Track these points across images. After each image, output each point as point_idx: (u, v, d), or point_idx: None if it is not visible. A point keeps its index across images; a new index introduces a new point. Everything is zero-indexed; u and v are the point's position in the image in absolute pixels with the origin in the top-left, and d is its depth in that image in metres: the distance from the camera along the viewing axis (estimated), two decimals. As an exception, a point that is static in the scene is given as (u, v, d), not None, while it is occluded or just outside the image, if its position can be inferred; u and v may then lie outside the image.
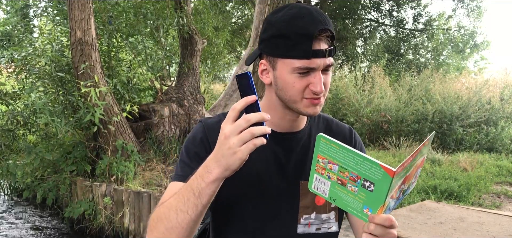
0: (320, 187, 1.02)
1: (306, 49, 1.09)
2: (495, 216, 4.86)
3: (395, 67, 15.56)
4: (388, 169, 0.88)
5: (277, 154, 1.26)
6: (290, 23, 1.10)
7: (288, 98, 1.16)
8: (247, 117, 0.96)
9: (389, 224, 0.94)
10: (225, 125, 0.99)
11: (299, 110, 1.17)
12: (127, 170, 5.87)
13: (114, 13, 7.40)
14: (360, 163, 0.92)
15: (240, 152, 0.96)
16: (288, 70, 1.13)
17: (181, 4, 8.04)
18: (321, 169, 0.99)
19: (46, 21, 8.11)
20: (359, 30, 18.51)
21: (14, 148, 6.60)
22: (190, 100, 8.01)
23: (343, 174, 0.96)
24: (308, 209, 1.25)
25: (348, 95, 10.44)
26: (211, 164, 1.00)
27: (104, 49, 7.20)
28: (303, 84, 1.13)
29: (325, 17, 1.12)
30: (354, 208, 0.97)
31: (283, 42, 1.11)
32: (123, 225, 5.54)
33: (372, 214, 0.95)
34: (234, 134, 0.96)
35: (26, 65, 6.38)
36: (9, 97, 6.51)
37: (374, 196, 0.93)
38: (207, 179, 1.01)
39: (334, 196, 1.00)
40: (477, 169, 7.17)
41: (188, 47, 8.39)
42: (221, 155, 0.98)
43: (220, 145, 0.99)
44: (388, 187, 0.89)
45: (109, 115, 5.98)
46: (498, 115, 9.76)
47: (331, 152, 0.96)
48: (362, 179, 0.93)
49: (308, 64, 1.10)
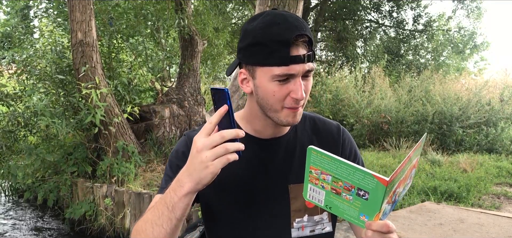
0: (315, 196, 1.03)
1: (284, 56, 1.07)
2: (494, 217, 4.87)
3: (395, 68, 15.57)
4: (381, 178, 0.89)
5: (263, 160, 1.26)
6: (266, 31, 1.09)
7: (268, 107, 1.15)
8: (222, 133, 0.96)
9: (386, 230, 0.95)
10: (198, 137, 0.99)
11: (279, 120, 1.16)
12: (127, 171, 5.88)
13: (114, 14, 7.41)
14: (353, 173, 0.93)
15: (212, 166, 0.97)
16: (267, 78, 1.11)
17: (181, 5, 8.05)
18: (315, 179, 1.00)
19: (47, 22, 8.12)
20: (359, 31, 18.51)
21: (15, 149, 6.61)
22: (191, 101, 8.03)
23: (336, 184, 0.97)
24: (300, 212, 1.25)
25: (348, 96, 10.46)
26: (183, 178, 1.02)
27: (104, 51, 7.22)
28: (283, 92, 1.11)
29: (301, 23, 1.11)
30: (351, 215, 0.98)
31: (260, 50, 1.10)
32: (124, 226, 5.55)
33: (369, 220, 0.96)
34: (207, 148, 0.97)
35: (27, 67, 6.39)
36: (10, 99, 6.51)
37: (370, 204, 0.94)
38: (179, 193, 1.02)
39: (329, 204, 1.01)
40: (477, 170, 7.18)
41: (189, 48, 8.41)
42: (193, 168, 0.99)
43: (192, 158, 1.00)
44: (383, 196, 0.90)
45: (110, 117, 6.00)
46: (498, 116, 9.76)
47: (323, 163, 0.97)
48: (356, 188, 0.94)
49: (287, 71, 1.08)
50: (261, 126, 1.25)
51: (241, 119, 1.30)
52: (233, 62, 1.23)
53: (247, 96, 1.25)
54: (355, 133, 9.74)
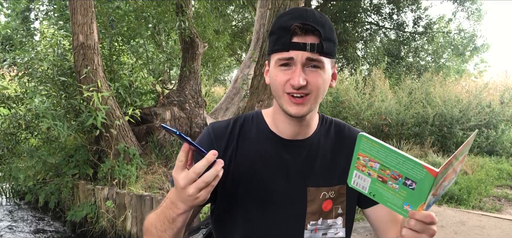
0: (359, 182, 1.04)
1: (285, 41, 1.13)
2: (495, 219, 4.88)
3: (395, 70, 15.57)
4: (431, 169, 0.91)
5: (284, 161, 1.26)
6: (276, 21, 1.18)
7: (275, 93, 1.20)
8: (196, 170, 0.99)
9: (429, 221, 0.97)
10: (176, 175, 1.02)
11: (283, 107, 1.19)
12: (129, 173, 5.88)
13: (115, 17, 7.42)
14: (402, 163, 0.94)
15: (201, 196, 1.02)
16: (273, 64, 1.18)
17: (182, 8, 8.07)
18: (362, 166, 1.02)
19: (48, 25, 8.13)
20: (360, 33, 18.51)
21: (16, 151, 6.62)
22: (192, 103, 8.04)
23: (384, 172, 0.98)
24: (315, 215, 1.26)
25: (348, 98, 10.45)
26: (177, 203, 1.07)
27: (106, 53, 7.22)
28: (284, 77, 1.15)
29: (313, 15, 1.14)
30: (394, 204, 1.00)
31: (271, 39, 1.19)
32: (125, 228, 5.55)
33: (413, 210, 0.97)
34: (189, 184, 1.00)
35: (28, 69, 6.40)
36: (12, 101, 6.52)
37: (416, 194, 0.95)
38: (176, 212, 1.08)
39: (374, 192, 1.02)
40: (477, 172, 7.19)
41: (189, 51, 8.42)
42: (183, 199, 1.04)
43: (179, 192, 1.04)
44: (431, 186, 0.92)
45: (111, 119, 6.00)
46: (498, 119, 9.77)
47: (372, 151, 0.99)
48: (403, 177, 0.95)
49: (287, 55, 1.13)
50: (282, 124, 1.27)
51: (269, 116, 1.32)
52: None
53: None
54: (356, 135, 9.72)
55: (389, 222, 1.30)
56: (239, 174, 1.25)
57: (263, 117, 1.33)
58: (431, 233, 0.99)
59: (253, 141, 1.29)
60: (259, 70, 5.60)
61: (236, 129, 1.30)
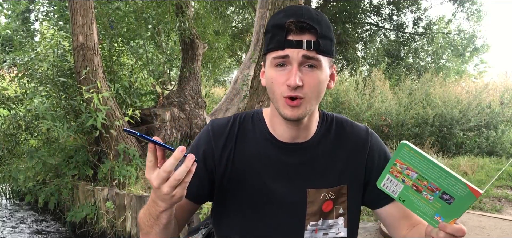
0: (390, 186, 1.04)
1: (280, 39, 1.09)
2: (496, 220, 4.87)
3: (395, 71, 15.57)
4: (475, 189, 0.91)
5: (283, 164, 1.24)
6: (272, 18, 1.14)
7: (270, 95, 1.16)
8: (166, 168, 0.98)
9: (461, 235, 0.96)
10: (148, 175, 1.01)
11: (280, 110, 1.14)
12: (129, 174, 5.88)
13: (115, 17, 7.42)
14: (444, 178, 0.94)
15: (177, 194, 1.00)
16: (269, 65, 1.14)
17: (182, 9, 8.07)
18: (397, 172, 1.01)
19: (48, 26, 8.13)
20: (359, 34, 18.52)
21: (16, 152, 6.62)
22: (192, 104, 8.04)
23: (421, 182, 0.98)
24: (315, 216, 1.24)
25: (348, 99, 10.45)
26: (158, 202, 1.05)
27: (105, 54, 7.22)
28: (281, 79, 1.11)
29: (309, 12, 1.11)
30: (424, 213, 1.00)
31: (265, 38, 1.15)
32: (125, 229, 5.55)
33: (444, 222, 0.97)
34: (162, 183, 0.99)
35: (28, 70, 6.40)
36: (12, 102, 6.52)
37: (452, 209, 0.95)
38: (158, 209, 1.06)
39: (404, 197, 1.02)
40: (477, 173, 7.17)
41: (189, 52, 8.42)
42: (162, 198, 1.02)
43: (155, 192, 1.03)
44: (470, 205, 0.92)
45: (111, 120, 6.00)
46: (498, 119, 9.76)
47: (413, 160, 0.97)
48: (441, 191, 0.95)
49: (282, 54, 1.09)
50: (280, 127, 1.24)
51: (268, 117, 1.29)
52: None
53: None
54: (356, 136, 9.73)
55: (401, 219, 1.28)
56: (236, 173, 1.24)
57: (263, 117, 1.30)
58: None
59: (252, 141, 1.26)
60: (259, 71, 5.61)
61: (235, 127, 1.28)
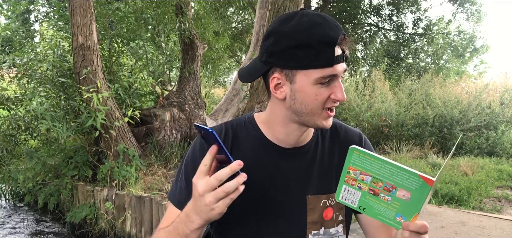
0: (348, 197, 1.02)
1: (330, 57, 1.04)
2: (496, 220, 4.87)
3: (395, 72, 15.58)
4: (427, 178, 0.90)
5: (282, 170, 1.22)
6: (311, 32, 1.04)
7: (308, 111, 1.10)
8: (218, 176, 0.96)
9: (424, 231, 0.95)
10: (197, 181, 0.99)
11: (315, 123, 1.12)
12: (128, 174, 5.87)
13: (115, 18, 7.42)
14: (397, 174, 0.93)
15: (217, 208, 0.97)
16: (310, 81, 1.07)
17: (182, 9, 8.07)
18: (352, 180, 0.99)
19: (48, 26, 8.13)
20: (359, 35, 18.52)
21: (15, 153, 6.61)
22: (191, 105, 8.03)
23: (376, 185, 0.96)
24: (316, 224, 1.22)
25: (348, 99, 10.45)
26: (192, 215, 1.02)
27: (105, 54, 7.22)
28: (325, 94, 1.08)
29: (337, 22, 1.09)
30: (386, 217, 0.98)
31: (304, 53, 1.04)
32: (124, 230, 5.54)
33: (406, 221, 0.96)
34: (208, 192, 0.96)
35: (28, 71, 6.40)
36: (11, 102, 6.51)
37: (410, 205, 0.94)
38: (190, 227, 1.03)
39: (364, 205, 1.00)
40: (477, 173, 7.17)
41: (189, 52, 8.42)
42: (200, 210, 0.99)
43: (196, 200, 0.99)
44: (426, 196, 0.91)
45: (111, 120, 6.00)
46: (498, 120, 9.77)
47: (364, 164, 0.96)
48: (397, 189, 0.94)
49: (331, 72, 1.05)
50: (284, 134, 1.21)
51: (263, 123, 1.25)
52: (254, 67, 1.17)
53: (272, 101, 1.19)
54: (356, 136, 9.73)
55: (380, 227, 1.27)
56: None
57: (256, 123, 1.26)
58: None
59: (248, 148, 1.24)
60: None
61: (229, 136, 1.24)
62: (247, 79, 1.17)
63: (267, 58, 1.11)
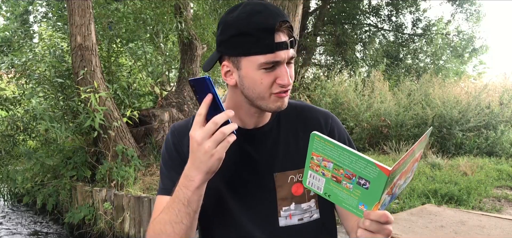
0: (314, 183, 1.02)
1: (269, 43, 1.08)
2: (496, 219, 4.85)
3: (394, 72, 15.57)
4: (384, 167, 0.89)
5: (246, 151, 1.26)
6: (249, 20, 1.09)
7: (256, 95, 1.16)
8: (215, 120, 0.99)
9: (384, 220, 0.95)
10: (194, 132, 1.01)
11: (267, 107, 1.17)
12: (127, 175, 5.86)
13: (114, 18, 7.41)
14: (355, 162, 0.93)
15: (217, 153, 1.00)
16: (253, 67, 1.12)
17: (180, 10, 8.06)
18: (316, 166, 1.00)
19: (46, 27, 8.12)
20: (358, 35, 18.50)
21: (14, 154, 6.60)
22: (190, 105, 8.02)
23: (338, 172, 0.96)
24: (286, 200, 1.25)
25: (347, 100, 10.45)
26: (192, 173, 1.04)
27: (104, 55, 7.21)
28: (270, 79, 1.12)
29: (280, 10, 1.14)
30: (349, 204, 0.98)
31: (245, 40, 1.10)
32: (123, 230, 5.53)
33: (368, 210, 0.96)
34: (206, 138, 0.99)
35: (26, 71, 6.38)
36: (9, 103, 6.51)
37: (370, 193, 0.93)
38: (191, 187, 1.05)
39: (329, 192, 1.01)
40: (477, 173, 7.16)
41: (188, 53, 8.41)
42: (199, 161, 1.01)
43: (195, 152, 1.01)
44: (384, 185, 0.90)
45: (109, 121, 5.99)
46: (498, 120, 9.76)
47: (325, 150, 0.96)
48: (357, 176, 0.94)
49: (273, 58, 1.10)
50: (245, 116, 1.26)
51: None
52: (211, 56, 1.22)
53: (229, 88, 1.26)
54: (355, 137, 9.73)
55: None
56: None
57: None
58: (386, 233, 0.97)
59: None
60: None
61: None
62: (205, 67, 1.22)
63: (218, 47, 1.19)
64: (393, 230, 1.34)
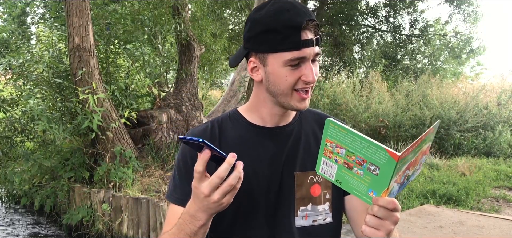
0: (327, 170, 1.04)
1: (296, 40, 1.11)
2: (494, 219, 4.86)
3: (392, 73, 15.60)
4: (393, 153, 0.90)
5: (268, 149, 1.27)
6: (277, 18, 1.12)
7: (280, 92, 1.18)
8: (219, 175, 0.99)
9: (392, 207, 0.96)
10: (198, 184, 1.01)
11: (289, 105, 1.19)
12: (125, 176, 5.84)
13: (111, 19, 7.39)
14: (366, 147, 0.95)
15: (226, 201, 1.02)
16: (279, 64, 1.15)
17: (178, 11, 8.05)
18: (329, 152, 1.02)
19: (44, 27, 8.10)
20: (356, 36, 18.54)
21: (12, 155, 6.57)
22: (188, 106, 8.00)
23: (349, 158, 0.98)
24: (304, 200, 1.26)
25: (345, 101, 10.46)
26: (198, 214, 1.06)
27: (102, 56, 7.19)
28: (295, 76, 1.15)
29: (307, 9, 1.16)
30: (359, 191, 1.00)
31: (272, 37, 1.13)
32: (121, 232, 5.51)
33: (376, 196, 0.97)
34: (213, 191, 1.00)
35: (24, 72, 6.36)
36: (7, 104, 6.48)
37: (379, 180, 0.95)
38: (197, 224, 1.08)
39: (340, 179, 1.03)
40: (475, 174, 7.18)
41: (186, 54, 8.39)
42: (207, 208, 1.04)
43: (202, 201, 1.03)
44: (393, 171, 0.92)
45: (107, 122, 5.97)
46: (495, 120, 9.79)
47: (339, 136, 0.98)
48: (368, 162, 0.96)
49: (299, 55, 1.12)
50: (268, 114, 1.27)
51: (247, 110, 1.33)
52: (238, 52, 1.26)
53: (255, 85, 1.28)
54: (353, 137, 9.74)
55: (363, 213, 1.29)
56: None
57: (240, 113, 1.34)
58: (394, 220, 0.98)
59: (235, 136, 1.29)
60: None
61: (215, 129, 1.31)
62: (232, 63, 1.27)
63: (245, 43, 1.22)
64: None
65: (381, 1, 18.07)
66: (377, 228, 0.98)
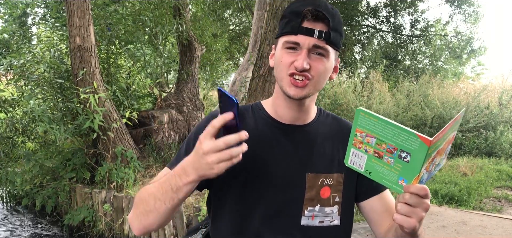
0: (356, 161, 1.05)
1: (295, 25, 1.15)
2: (497, 219, 4.85)
3: (393, 73, 15.58)
4: (425, 138, 0.91)
5: (283, 145, 1.27)
6: (290, 5, 1.19)
7: (277, 75, 1.21)
8: (226, 141, 0.99)
9: (423, 193, 0.96)
10: (204, 139, 1.02)
11: (283, 89, 1.20)
12: (126, 176, 5.84)
13: (113, 20, 7.39)
14: (398, 134, 0.95)
15: (217, 168, 1.01)
16: (280, 46, 1.20)
17: (179, 11, 8.05)
18: (359, 143, 1.03)
19: (45, 28, 8.09)
20: (357, 37, 18.53)
21: (13, 156, 6.56)
22: (189, 106, 8.00)
23: (380, 147, 0.99)
24: (313, 201, 1.25)
25: (346, 101, 10.43)
26: (189, 169, 1.06)
27: (103, 56, 7.18)
28: (288, 60, 1.17)
29: (325, 4, 1.17)
30: (390, 180, 1.01)
31: (281, 23, 1.21)
32: (123, 232, 5.50)
33: (407, 184, 0.97)
34: (213, 152, 1.00)
35: (25, 72, 6.35)
36: (8, 105, 6.47)
37: (410, 167, 0.96)
38: (184, 180, 1.07)
39: (370, 169, 1.03)
40: (477, 174, 7.16)
41: (187, 54, 8.40)
42: (199, 166, 1.03)
43: (198, 157, 1.03)
44: (424, 157, 0.92)
45: (109, 122, 5.96)
46: (497, 120, 9.77)
47: (369, 125, 0.99)
48: (398, 150, 0.96)
49: (294, 40, 1.15)
50: (283, 109, 1.28)
51: (269, 104, 1.34)
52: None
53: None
54: (354, 138, 9.73)
55: (383, 213, 1.29)
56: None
57: (262, 106, 1.35)
58: (425, 207, 0.98)
59: (252, 126, 1.30)
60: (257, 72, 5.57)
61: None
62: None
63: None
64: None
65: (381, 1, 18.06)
66: (409, 216, 0.98)
